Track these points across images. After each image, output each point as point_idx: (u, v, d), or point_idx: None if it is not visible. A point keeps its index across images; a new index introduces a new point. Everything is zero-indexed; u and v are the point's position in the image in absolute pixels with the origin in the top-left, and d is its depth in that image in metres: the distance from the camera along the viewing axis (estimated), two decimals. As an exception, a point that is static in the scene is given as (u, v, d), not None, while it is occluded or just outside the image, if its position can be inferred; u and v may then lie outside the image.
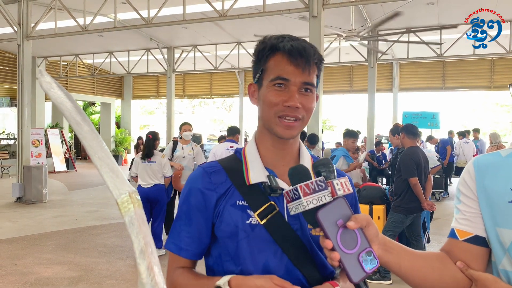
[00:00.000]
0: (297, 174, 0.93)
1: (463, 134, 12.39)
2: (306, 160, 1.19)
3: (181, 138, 6.65)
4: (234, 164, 1.18)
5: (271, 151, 1.17)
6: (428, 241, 5.96)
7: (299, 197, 0.89)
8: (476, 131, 13.49)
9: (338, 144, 13.04)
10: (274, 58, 1.10)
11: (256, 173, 1.13)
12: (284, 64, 1.08)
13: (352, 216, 0.90)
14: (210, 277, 1.12)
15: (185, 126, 6.58)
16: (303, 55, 1.07)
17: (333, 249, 0.87)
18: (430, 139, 12.85)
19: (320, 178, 0.91)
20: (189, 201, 1.16)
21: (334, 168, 0.95)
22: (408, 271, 1.02)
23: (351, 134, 6.31)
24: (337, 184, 0.92)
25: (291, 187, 0.92)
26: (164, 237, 6.21)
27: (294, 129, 1.11)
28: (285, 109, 1.08)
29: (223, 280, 1.05)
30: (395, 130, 6.64)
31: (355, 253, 0.88)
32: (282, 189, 1.11)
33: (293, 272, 1.10)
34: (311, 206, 0.89)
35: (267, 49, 1.11)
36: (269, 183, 1.10)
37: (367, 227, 0.92)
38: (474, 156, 6.10)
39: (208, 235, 1.16)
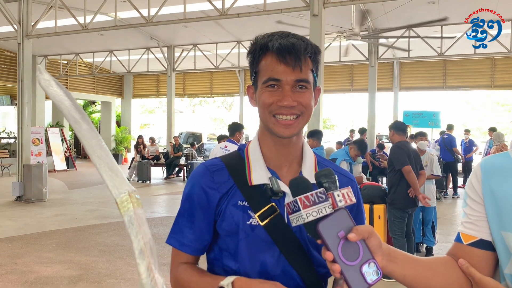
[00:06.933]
0: (297, 186, 0.92)
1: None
2: (309, 161, 1.18)
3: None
4: (237, 163, 1.17)
5: (273, 152, 1.16)
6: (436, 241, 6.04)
7: (299, 210, 0.88)
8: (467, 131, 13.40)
9: (339, 144, 12.99)
10: (265, 59, 1.09)
11: (258, 174, 1.13)
12: (275, 64, 1.07)
13: (354, 227, 0.88)
14: (213, 276, 1.12)
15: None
16: (292, 52, 1.05)
17: (334, 261, 0.85)
18: (449, 128, 11.73)
19: (320, 189, 0.89)
20: (191, 198, 1.16)
21: (336, 178, 0.93)
22: (413, 280, 1.00)
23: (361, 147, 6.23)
24: (338, 196, 0.89)
25: (291, 199, 0.91)
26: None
27: (293, 127, 1.09)
28: (280, 108, 1.07)
29: (227, 281, 1.05)
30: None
31: (357, 265, 0.86)
32: (284, 192, 1.10)
33: (289, 273, 1.11)
34: (311, 218, 0.87)
35: (258, 50, 1.10)
36: (270, 186, 1.10)
37: (370, 238, 0.90)
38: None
39: (210, 232, 1.16)
